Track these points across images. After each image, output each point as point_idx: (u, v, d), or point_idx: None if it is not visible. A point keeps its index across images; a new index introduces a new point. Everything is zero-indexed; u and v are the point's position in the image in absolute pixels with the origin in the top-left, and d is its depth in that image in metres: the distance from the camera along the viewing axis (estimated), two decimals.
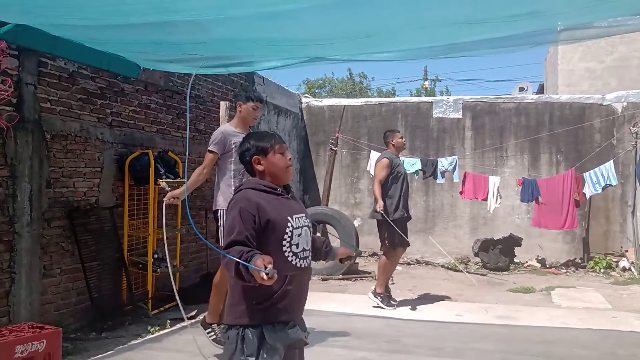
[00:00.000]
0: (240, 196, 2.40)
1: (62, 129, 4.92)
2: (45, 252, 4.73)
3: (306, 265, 2.44)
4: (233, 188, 4.10)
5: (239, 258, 2.15)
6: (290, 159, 2.55)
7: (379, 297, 6.07)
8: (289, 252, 2.35)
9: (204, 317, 4.48)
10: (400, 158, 6.47)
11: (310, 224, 2.51)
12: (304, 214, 2.49)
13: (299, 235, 2.40)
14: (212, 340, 4.32)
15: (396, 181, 6.05)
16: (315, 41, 3.91)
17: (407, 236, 6.16)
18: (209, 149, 4.48)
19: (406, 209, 6.16)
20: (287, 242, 2.35)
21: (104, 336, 4.87)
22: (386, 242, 6.05)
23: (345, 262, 2.69)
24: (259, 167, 2.49)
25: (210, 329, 4.37)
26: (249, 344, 2.27)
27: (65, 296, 4.96)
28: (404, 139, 6.45)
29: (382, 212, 5.86)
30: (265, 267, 2.06)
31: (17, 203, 4.44)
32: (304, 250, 2.42)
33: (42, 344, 3.36)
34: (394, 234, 5.96)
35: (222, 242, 2.36)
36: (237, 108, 4.62)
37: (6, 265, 4.36)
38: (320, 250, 2.65)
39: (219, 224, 4.32)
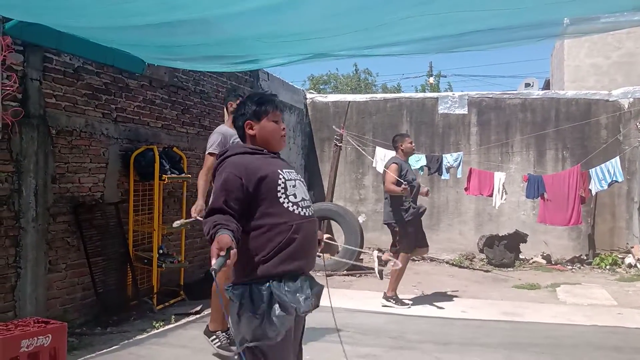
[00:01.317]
0: (227, 162, 2.40)
1: (67, 124, 4.93)
2: (50, 247, 4.75)
3: (310, 214, 2.43)
4: None
5: (211, 228, 2.17)
6: (284, 128, 2.54)
7: (391, 301, 6.06)
8: (287, 203, 2.35)
9: (207, 325, 4.41)
10: None
11: (302, 179, 2.51)
12: (293, 170, 2.49)
13: (293, 186, 2.40)
14: (217, 347, 4.27)
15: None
16: (320, 34, 3.87)
17: (424, 235, 6.13)
18: (209, 152, 4.46)
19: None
20: (282, 193, 2.35)
21: (109, 331, 4.88)
22: (399, 244, 6.02)
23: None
24: (251, 132, 2.50)
25: (214, 337, 4.31)
26: (257, 300, 2.24)
27: (70, 291, 4.97)
28: (413, 144, 6.30)
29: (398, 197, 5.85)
30: (218, 254, 2.05)
31: (22, 198, 4.45)
32: (303, 199, 2.41)
33: (47, 338, 3.36)
34: (409, 236, 5.94)
35: None
36: (228, 108, 4.62)
37: (12, 260, 4.38)
38: None
39: None
